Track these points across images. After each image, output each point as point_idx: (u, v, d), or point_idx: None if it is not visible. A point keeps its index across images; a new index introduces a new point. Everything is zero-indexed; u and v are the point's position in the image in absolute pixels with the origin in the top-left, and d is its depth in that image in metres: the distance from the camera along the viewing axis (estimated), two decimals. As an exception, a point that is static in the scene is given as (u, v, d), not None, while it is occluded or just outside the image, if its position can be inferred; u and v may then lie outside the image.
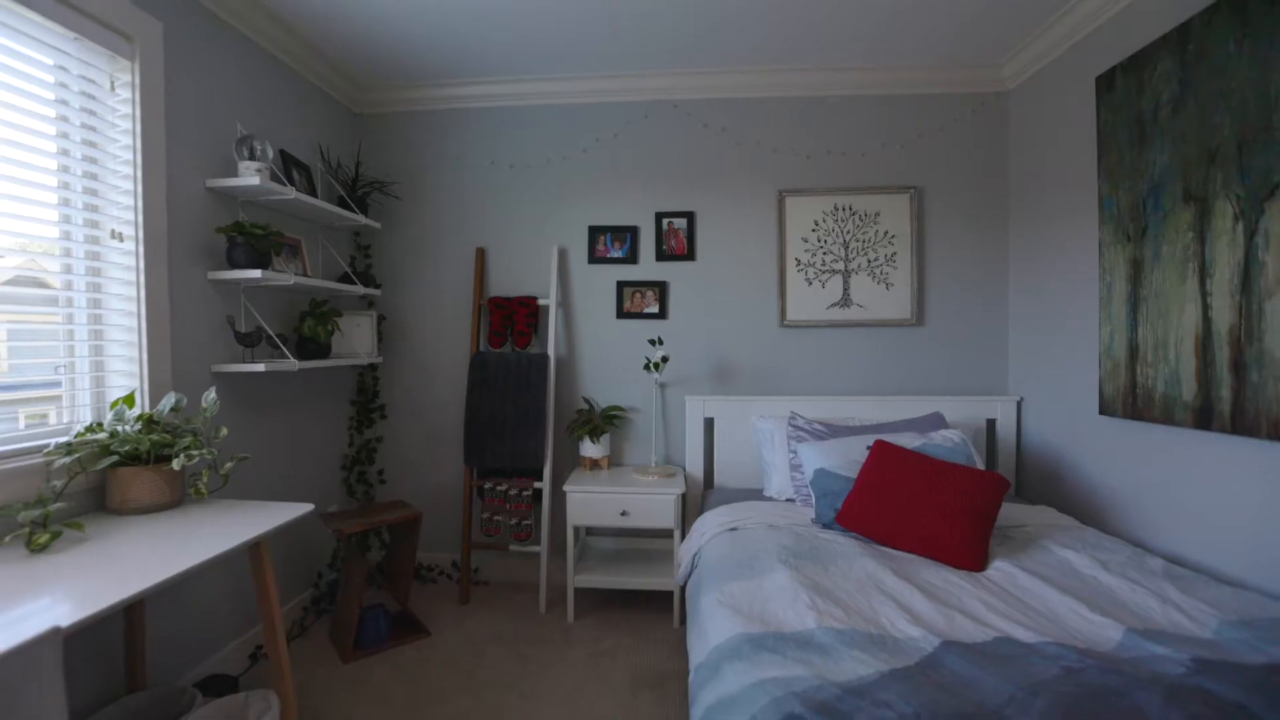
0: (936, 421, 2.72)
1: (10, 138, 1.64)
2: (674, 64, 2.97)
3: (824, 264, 3.13)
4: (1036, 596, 1.67)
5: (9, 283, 1.66)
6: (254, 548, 1.65)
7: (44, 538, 1.39)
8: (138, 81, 1.87)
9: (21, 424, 1.68)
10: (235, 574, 2.33)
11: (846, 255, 3.12)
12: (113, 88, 1.85)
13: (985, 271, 3.09)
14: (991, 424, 3.03)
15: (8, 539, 1.42)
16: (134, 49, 1.86)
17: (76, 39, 1.73)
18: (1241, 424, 1.83)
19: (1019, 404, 3.01)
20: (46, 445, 1.61)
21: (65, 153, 1.77)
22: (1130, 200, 2.25)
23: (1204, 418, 1.95)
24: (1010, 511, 2.43)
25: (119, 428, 1.70)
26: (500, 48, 2.79)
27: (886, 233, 3.10)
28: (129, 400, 1.76)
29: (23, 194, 1.67)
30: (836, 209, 3.12)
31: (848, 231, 3.11)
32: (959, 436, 2.49)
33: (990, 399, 3.02)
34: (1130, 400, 2.26)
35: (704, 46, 2.80)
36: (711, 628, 1.56)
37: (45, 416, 1.75)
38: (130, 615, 1.77)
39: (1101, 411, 2.40)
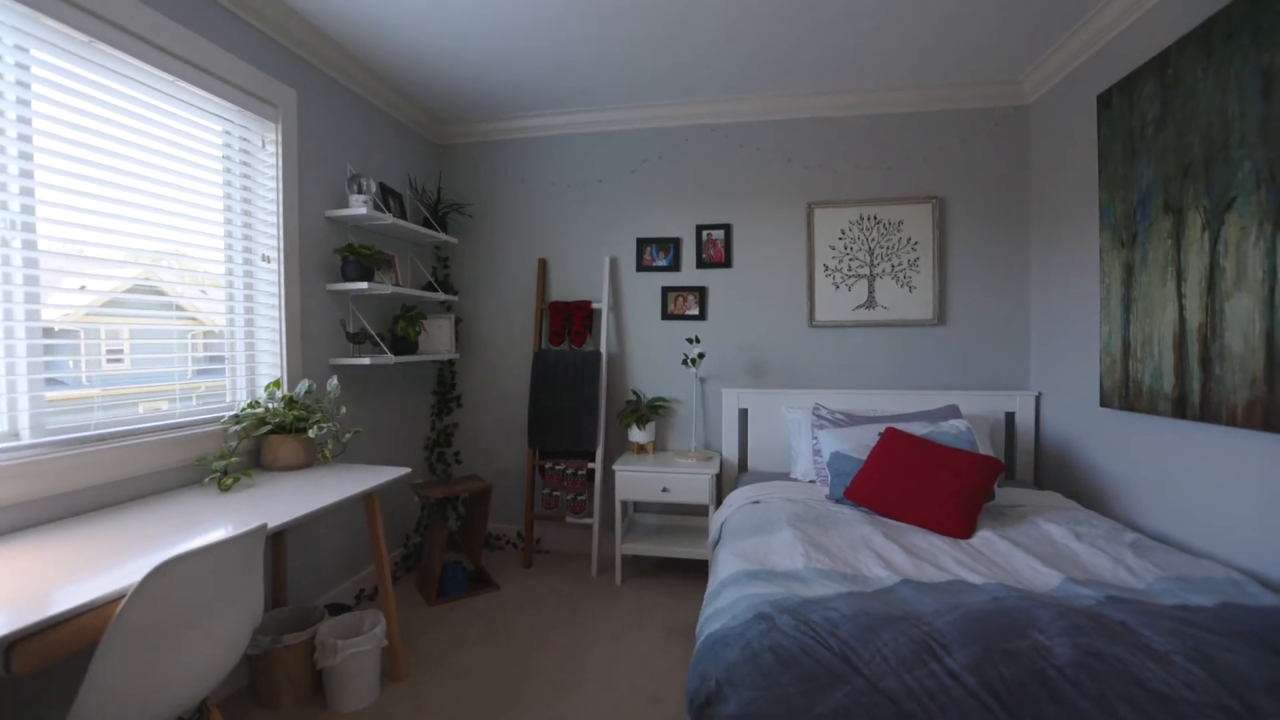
0: (949, 413, 2.97)
1: (192, 187, 2.19)
2: (713, 94, 3.33)
3: (850, 269, 3.41)
4: (1004, 556, 1.95)
5: (193, 297, 2.22)
6: (368, 497, 2.14)
7: (229, 481, 1.92)
8: (280, 139, 2.42)
9: (194, 403, 2.24)
10: (347, 527, 2.87)
11: (871, 261, 3.39)
12: (263, 145, 2.41)
13: (1006, 274, 3.29)
14: (1010, 417, 3.24)
15: (206, 480, 1.97)
16: (278, 113, 2.41)
17: (239, 110, 2.28)
18: (1208, 412, 2.04)
19: (1037, 398, 3.21)
20: (222, 416, 2.16)
21: (229, 197, 2.32)
22: (1124, 210, 2.46)
23: (1180, 407, 2.16)
24: (1014, 495, 2.68)
25: (269, 405, 2.24)
26: (560, 88, 3.24)
27: (909, 239, 3.36)
28: (276, 384, 2.30)
29: (199, 229, 2.22)
30: (862, 219, 3.40)
31: (873, 239, 3.39)
32: (964, 426, 2.75)
33: (1009, 393, 3.23)
34: (1124, 393, 2.46)
35: (742, 79, 3.15)
36: (722, 569, 1.94)
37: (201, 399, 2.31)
38: (276, 547, 2.31)
39: (1102, 404, 2.60)
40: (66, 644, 1.09)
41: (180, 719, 1.89)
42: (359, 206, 2.72)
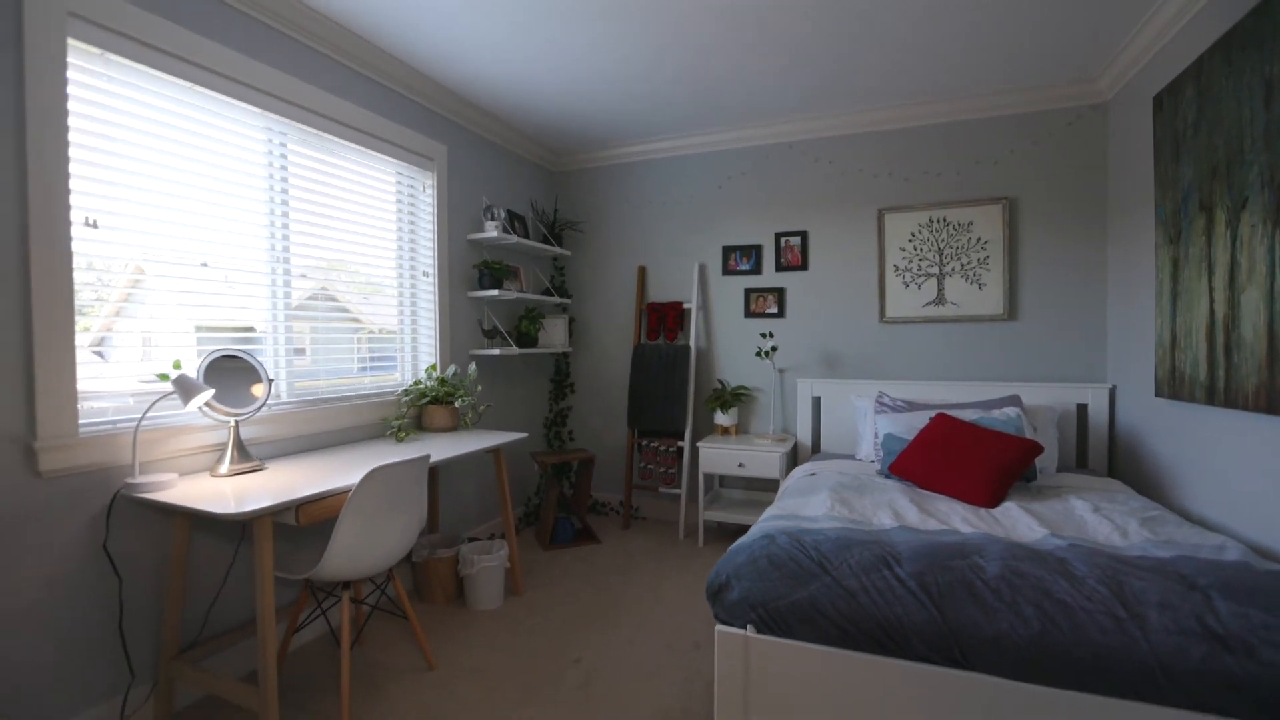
0: (1007, 403, 3.16)
1: (376, 224, 3.00)
2: (789, 114, 3.73)
3: (920, 269, 3.67)
4: (1011, 519, 2.22)
5: (376, 306, 3.05)
6: (496, 453, 2.85)
7: (402, 435, 2.71)
8: (435, 183, 3.21)
9: (367, 382, 3.06)
10: (480, 483, 3.65)
11: (941, 260, 3.63)
12: (424, 189, 3.21)
13: (1080, 270, 3.37)
14: (1082, 409, 3.34)
15: (386, 434, 2.77)
16: (434, 164, 3.20)
17: (407, 165, 3.09)
18: (1229, 398, 2.18)
19: (1112, 391, 3.28)
20: (395, 390, 2.96)
21: (400, 229, 3.13)
22: (1172, 207, 2.58)
23: (1210, 395, 2.30)
24: (1068, 479, 2.86)
25: (428, 383, 3.01)
26: (657, 121, 3.80)
27: (979, 239, 3.55)
28: (433, 368, 3.08)
29: (378, 254, 3.04)
30: (931, 221, 3.64)
31: (942, 240, 3.62)
32: (1015, 413, 2.95)
33: (1080, 386, 3.32)
34: (1172, 382, 2.58)
35: (816, 99, 3.51)
36: (762, 517, 2.40)
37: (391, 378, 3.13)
38: (431, 487, 3.09)
39: (1155, 394, 2.72)
40: (322, 513, 1.83)
41: (373, 581, 2.70)
42: (491, 230, 3.46)
